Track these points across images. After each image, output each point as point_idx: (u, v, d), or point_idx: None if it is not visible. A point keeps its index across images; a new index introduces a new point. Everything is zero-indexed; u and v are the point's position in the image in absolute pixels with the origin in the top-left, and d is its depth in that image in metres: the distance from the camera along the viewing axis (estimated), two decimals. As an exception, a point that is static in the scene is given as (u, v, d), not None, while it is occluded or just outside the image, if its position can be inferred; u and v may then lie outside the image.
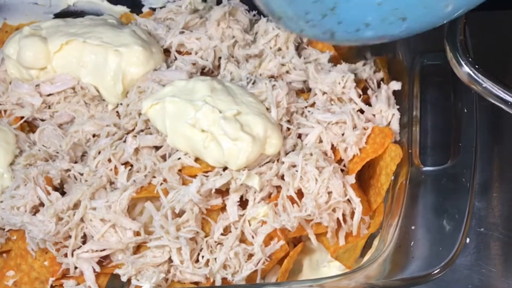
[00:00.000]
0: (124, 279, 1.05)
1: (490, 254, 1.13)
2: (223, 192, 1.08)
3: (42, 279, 1.07)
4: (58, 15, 1.40)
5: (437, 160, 1.07)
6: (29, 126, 1.25)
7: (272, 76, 1.20)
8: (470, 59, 0.97)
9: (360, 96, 1.14)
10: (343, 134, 1.10)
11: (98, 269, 1.06)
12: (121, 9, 1.39)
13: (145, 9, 1.39)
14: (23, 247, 1.09)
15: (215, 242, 1.06)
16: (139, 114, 1.16)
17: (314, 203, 1.04)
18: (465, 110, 1.08)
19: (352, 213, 1.07)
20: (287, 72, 1.20)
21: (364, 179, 1.13)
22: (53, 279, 1.07)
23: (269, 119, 1.10)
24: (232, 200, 1.07)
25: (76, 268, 1.06)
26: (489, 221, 1.16)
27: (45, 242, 1.06)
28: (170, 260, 1.05)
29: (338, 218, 1.07)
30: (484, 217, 1.17)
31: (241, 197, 1.08)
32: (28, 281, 1.08)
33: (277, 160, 1.09)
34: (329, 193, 1.06)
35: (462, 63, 0.97)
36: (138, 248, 1.08)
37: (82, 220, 1.08)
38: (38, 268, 1.08)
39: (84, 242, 1.08)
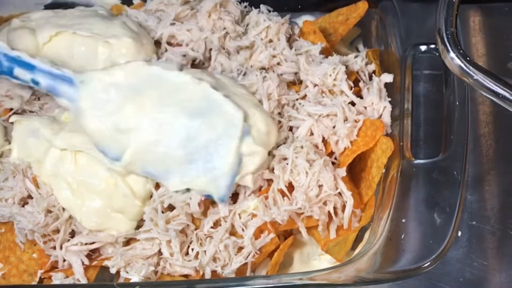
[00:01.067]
0: (113, 271, 1.06)
1: (482, 248, 1.14)
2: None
3: (30, 272, 1.08)
4: (48, 6, 1.39)
5: (428, 153, 1.08)
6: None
7: (263, 68, 1.20)
8: (461, 51, 0.98)
9: (351, 88, 1.14)
10: (334, 127, 1.10)
11: (86, 262, 1.07)
12: (112, 0, 1.39)
13: (136, 1, 1.39)
14: (12, 240, 1.09)
15: (205, 235, 1.06)
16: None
17: (304, 197, 1.05)
18: (457, 103, 1.09)
19: (343, 206, 1.08)
20: (278, 63, 1.20)
21: (355, 172, 1.13)
22: (41, 271, 1.08)
23: (267, 112, 1.10)
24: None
25: (64, 260, 1.07)
26: (481, 214, 1.17)
27: (34, 234, 1.07)
28: (159, 252, 1.05)
29: (329, 211, 1.07)
30: (476, 210, 1.17)
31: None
32: (17, 273, 1.09)
33: (269, 153, 1.09)
34: (320, 186, 1.06)
35: (453, 55, 0.98)
36: (128, 242, 1.09)
37: (70, 216, 1.09)
38: (26, 260, 1.09)
39: (72, 236, 1.08)
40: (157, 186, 1.09)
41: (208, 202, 1.08)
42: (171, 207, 1.08)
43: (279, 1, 1.30)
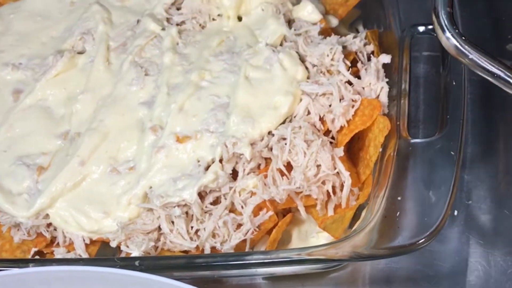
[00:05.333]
0: (113, 244, 1.09)
1: (477, 226, 1.16)
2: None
3: (24, 249, 1.12)
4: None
5: (427, 133, 1.12)
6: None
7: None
8: (457, 31, 1.00)
9: (349, 68, 1.17)
10: (330, 105, 1.13)
11: (87, 240, 1.11)
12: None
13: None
14: (8, 216, 1.14)
15: (204, 211, 1.09)
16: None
17: (302, 176, 1.08)
18: (454, 83, 1.11)
19: (342, 185, 1.11)
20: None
21: (353, 151, 1.17)
22: (35, 249, 1.11)
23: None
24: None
25: (65, 237, 1.11)
26: (477, 194, 1.19)
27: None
28: (159, 228, 1.09)
29: (327, 190, 1.11)
30: (472, 190, 1.19)
31: (230, 168, 1.12)
32: (10, 248, 1.12)
33: (268, 133, 1.13)
34: (318, 166, 1.10)
35: (449, 35, 1.00)
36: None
37: None
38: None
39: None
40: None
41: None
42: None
43: (280, -18, 1.32)
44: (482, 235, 1.16)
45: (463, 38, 0.99)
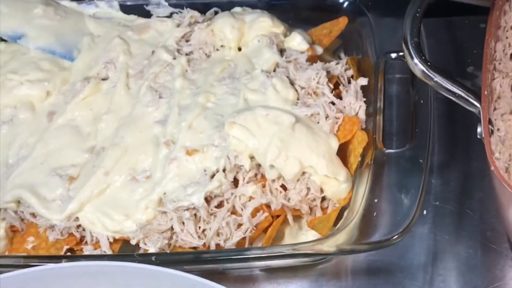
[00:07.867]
0: (133, 242, 1.12)
1: (444, 224, 1.19)
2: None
3: (57, 246, 1.15)
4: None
5: (398, 144, 1.14)
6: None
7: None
8: (423, 58, 1.04)
9: (332, 90, 1.20)
10: (318, 123, 1.18)
11: (111, 239, 1.16)
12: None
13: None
14: (46, 221, 1.19)
15: (210, 214, 1.14)
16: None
17: (299, 198, 1.14)
18: (421, 101, 1.15)
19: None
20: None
21: (337, 160, 1.22)
22: (67, 247, 1.14)
23: None
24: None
25: (92, 236, 1.16)
26: (444, 196, 1.21)
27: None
28: (172, 228, 1.14)
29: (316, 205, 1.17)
30: (439, 193, 1.22)
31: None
32: (45, 246, 1.15)
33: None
34: (308, 188, 1.16)
35: (417, 61, 1.04)
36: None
37: None
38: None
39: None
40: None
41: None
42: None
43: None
44: (448, 232, 1.18)
45: (429, 63, 1.03)
